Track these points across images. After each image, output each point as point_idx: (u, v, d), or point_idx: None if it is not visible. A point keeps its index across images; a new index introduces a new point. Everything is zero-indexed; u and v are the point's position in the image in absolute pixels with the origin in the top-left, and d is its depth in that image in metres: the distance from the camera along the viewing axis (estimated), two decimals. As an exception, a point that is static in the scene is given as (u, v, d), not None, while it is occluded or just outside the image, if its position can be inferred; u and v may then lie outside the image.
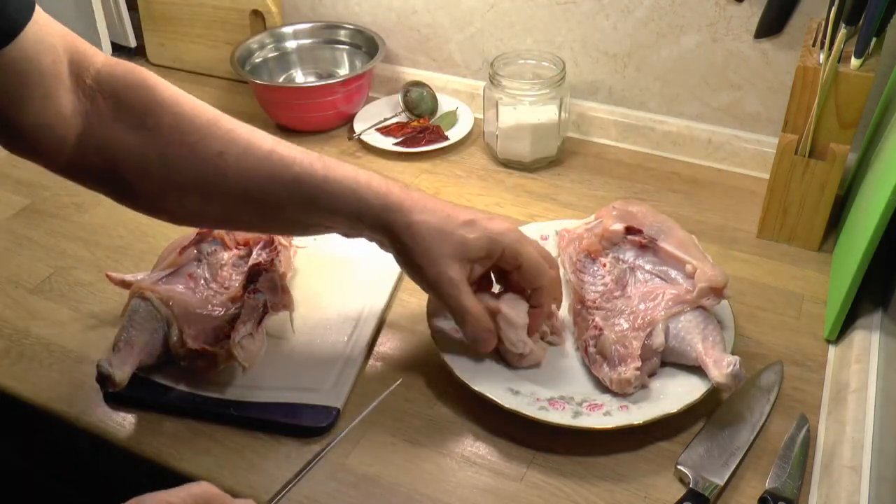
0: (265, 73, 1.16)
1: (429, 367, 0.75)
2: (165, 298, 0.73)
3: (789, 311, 0.80)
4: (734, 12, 0.94)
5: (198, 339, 0.71)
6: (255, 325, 0.72)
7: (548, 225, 0.87)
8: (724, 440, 0.66)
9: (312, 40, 1.19)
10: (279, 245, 0.78)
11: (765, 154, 0.98)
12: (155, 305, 0.73)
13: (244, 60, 1.13)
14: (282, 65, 1.19)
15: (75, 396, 0.73)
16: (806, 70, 0.79)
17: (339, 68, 1.20)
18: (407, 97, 1.11)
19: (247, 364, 0.70)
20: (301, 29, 1.19)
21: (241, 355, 0.70)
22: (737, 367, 0.65)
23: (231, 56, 1.11)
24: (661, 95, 1.04)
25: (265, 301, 0.74)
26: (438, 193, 0.98)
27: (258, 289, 0.75)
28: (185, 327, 0.71)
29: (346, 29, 1.18)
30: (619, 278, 0.76)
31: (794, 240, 0.88)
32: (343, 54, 1.19)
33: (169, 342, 0.71)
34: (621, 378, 0.68)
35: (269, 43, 1.17)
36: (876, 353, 0.71)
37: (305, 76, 1.20)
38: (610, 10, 1.01)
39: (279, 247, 0.78)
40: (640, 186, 0.99)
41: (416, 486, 0.65)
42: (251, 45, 1.15)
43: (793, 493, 0.62)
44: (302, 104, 1.09)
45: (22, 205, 0.99)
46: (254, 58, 1.15)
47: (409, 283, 0.85)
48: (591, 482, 0.65)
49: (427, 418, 0.71)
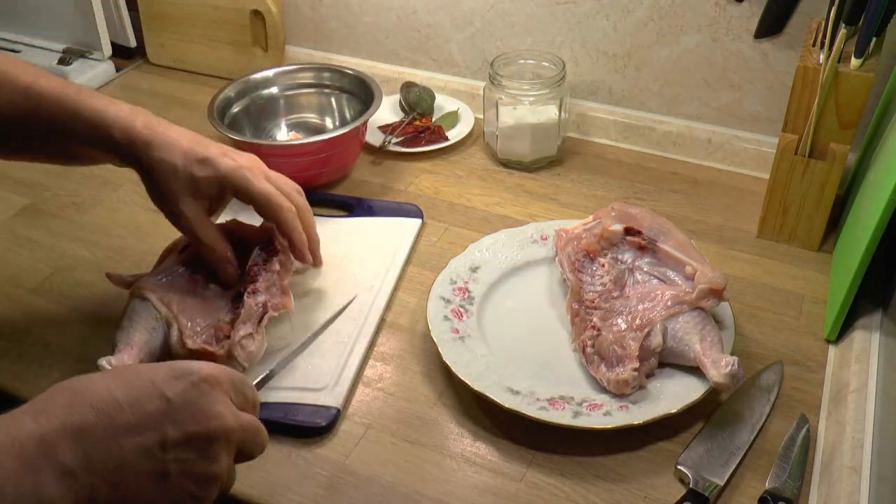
0: (245, 124, 1.04)
1: (429, 367, 0.75)
2: (165, 299, 0.73)
3: (789, 311, 0.80)
4: (734, 12, 0.94)
5: (197, 339, 0.71)
6: (255, 325, 0.72)
7: (548, 225, 0.87)
8: (724, 440, 0.66)
9: (297, 85, 1.08)
10: (279, 246, 0.78)
11: (765, 154, 0.98)
12: (155, 306, 0.72)
13: (223, 111, 1.01)
14: (265, 114, 1.06)
15: (75, 396, 0.73)
16: (806, 70, 0.79)
17: (326, 117, 1.08)
18: (407, 97, 1.11)
19: (247, 364, 0.70)
20: (283, 72, 1.08)
21: (241, 355, 0.70)
22: (735, 368, 0.65)
23: (209, 107, 0.99)
24: (661, 95, 1.04)
25: (265, 301, 0.74)
26: (438, 193, 0.98)
27: (258, 289, 0.75)
28: (184, 327, 0.71)
29: (331, 72, 1.08)
30: (617, 279, 0.76)
31: (794, 240, 0.88)
32: (331, 100, 1.08)
33: (169, 342, 0.71)
34: (619, 379, 0.68)
35: (250, 91, 1.05)
36: (876, 353, 0.71)
37: (290, 129, 1.07)
38: (610, 11, 1.01)
39: (279, 247, 0.78)
40: (639, 186, 0.99)
41: (416, 486, 0.65)
42: (229, 95, 1.02)
43: (793, 493, 0.62)
44: (285, 163, 0.89)
45: (22, 205, 0.99)
46: (232, 108, 1.03)
47: (409, 283, 0.85)
48: (591, 482, 0.65)
49: (427, 418, 0.71)
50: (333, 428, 0.69)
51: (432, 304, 0.77)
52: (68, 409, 0.45)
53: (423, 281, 0.84)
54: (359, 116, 0.98)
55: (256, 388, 0.55)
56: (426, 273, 0.86)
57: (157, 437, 0.46)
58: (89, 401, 0.45)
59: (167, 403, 0.47)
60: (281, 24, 1.19)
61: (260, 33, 1.21)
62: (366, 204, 0.95)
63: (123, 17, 1.28)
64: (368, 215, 0.93)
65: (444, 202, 0.97)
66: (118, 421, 0.45)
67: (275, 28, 1.19)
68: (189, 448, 0.47)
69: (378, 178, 1.02)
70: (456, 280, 0.81)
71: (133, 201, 0.98)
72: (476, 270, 0.82)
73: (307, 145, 0.95)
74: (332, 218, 0.93)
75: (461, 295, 0.79)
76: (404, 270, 0.86)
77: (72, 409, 0.45)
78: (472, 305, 0.79)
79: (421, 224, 0.93)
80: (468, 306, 0.78)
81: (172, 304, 0.73)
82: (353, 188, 1.00)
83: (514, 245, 0.85)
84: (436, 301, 0.78)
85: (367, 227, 0.91)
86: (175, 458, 0.46)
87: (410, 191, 0.99)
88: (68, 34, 1.27)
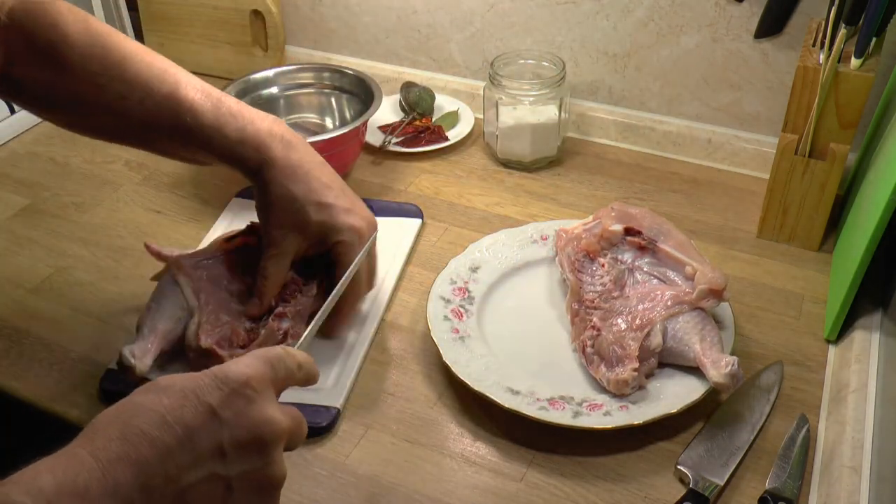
0: None
1: (429, 367, 0.75)
2: (196, 287, 0.73)
3: (789, 311, 0.80)
4: (734, 12, 0.94)
5: (211, 338, 0.71)
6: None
7: (548, 225, 0.87)
8: (724, 440, 0.66)
9: (297, 85, 1.08)
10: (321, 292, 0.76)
11: (765, 154, 0.98)
12: (184, 293, 0.72)
13: None
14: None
15: (75, 396, 0.73)
16: (806, 70, 0.79)
17: (326, 117, 1.09)
18: (407, 97, 1.11)
19: None
20: (283, 72, 1.07)
21: None
22: (735, 368, 0.65)
23: None
24: (661, 95, 1.04)
25: (287, 330, 0.73)
26: (438, 193, 0.98)
27: (285, 314, 0.73)
28: (204, 323, 0.71)
29: (331, 72, 1.07)
30: (617, 279, 0.76)
31: (794, 240, 0.88)
32: (331, 100, 1.08)
33: (187, 330, 0.71)
34: (618, 379, 0.68)
35: (250, 91, 1.05)
36: (876, 353, 0.71)
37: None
38: (610, 11, 1.01)
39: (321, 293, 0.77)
40: (639, 186, 0.99)
41: (416, 486, 0.65)
42: (229, 94, 0.99)
43: (793, 493, 0.62)
44: None
45: (22, 205, 0.99)
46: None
47: (409, 283, 0.85)
48: (591, 482, 0.65)
49: (427, 418, 0.71)
50: (333, 428, 0.69)
51: (432, 304, 0.77)
52: (122, 441, 0.43)
53: (423, 281, 0.84)
54: (359, 116, 0.98)
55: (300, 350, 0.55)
56: (426, 273, 0.86)
57: (213, 454, 0.45)
58: (141, 429, 0.44)
59: (217, 418, 0.46)
60: (281, 24, 1.19)
61: (260, 33, 1.21)
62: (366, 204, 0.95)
63: (123, 17, 1.28)
64: (368, 215, 0.93)
65: (444, 202, 0.97)
66: (171, 445, 0.44)
67: (275, 28, 1.19)
68: (247, 458, 0.46)
69: (378, 178, 1.02)
70: (456, 280, 0.81)
71: (133, 201, 0.98)
72: (476, 270, 0.82)
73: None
74: (332, 218, 0.93)
75: (461, 295, 0.79)
76: (404, 270, 0.86)
77: (125, 442, 0.43)
78: (472, 305, 0.79)
79: (421, 224, 0.93)
80: (468, 306, 0.78)
81: (201, 295, 0.72)
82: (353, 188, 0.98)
83: (514, 245, 0.85)
84: (436, 301, 0.78)
85: (367, 227, 0.91)
86: (236, 473, 0.46)
87: (410, 191, 0.99)
88: (68, 34, 1.27)
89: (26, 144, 1.10)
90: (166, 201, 0.99)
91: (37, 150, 1.09)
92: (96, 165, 1.06)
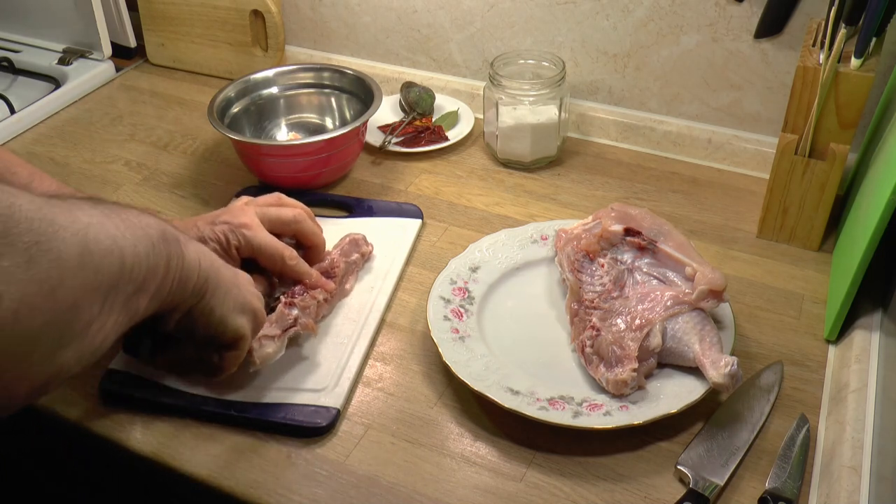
0: (245, 124, 1.04)
1: (429, 367, 0.75)
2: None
3: (789, 311, 0.80)
4: (734, 12, 0.94)
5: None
6: (281, 331, 0.72)
7: (547, 225, 0.87)
8: (724, 440, 0.66)
9: (297, 85, 1.08)
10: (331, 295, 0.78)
11: (765, 154, 0.98)
12: None
13: (223, 111, 1.00)
14: (265, 114, 1.06)
15: (75, 396, 0.73)
16: (806, 70, 0.79)
17: (326, 117, 1.08)
18: (407, 97, 1.11)
19: (259, 363, 0.69)
20: (283, 72, 1.07)
21: (258, 352, 0.69)
22: (734, 368, 0.65)
23: (209, 107, 0.98)
24: (661, 95, 1.04)
25: (297, 317, 0.73)
26: (438, 194, 0.98)
27: (295, 303, 0.74)
28: None
29: (331, 72, 1.07)
30: (617, 279, 0.76)
31: (794, 240, 0.88)
32: (331, 100, 1.08)
33: None
34: (617, 379, 0.68)
35: (250, 91, 1.05)
36: (876, 353, 0.71)
37: (290, 129, 1.07)
38: (610, 10, 1.01)
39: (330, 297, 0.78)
40: (639, 186, 0.99)
41: (416, 486, 0.65)
42: (229, 95, 1.02)
43: (793, 493, 0.62)
44: (285, 163, 0.96)
45: (22, 205, 0.98)
46: (232, 108, 1.02)
47: (409, 283, 0.85)
48: (591, 482, 0.65)
49: (427, 418, 0.71)
50: (333, 428, 0.70)
51: (432, 304, 0.77)
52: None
53: (423, 281, 0.84)
54: (359, 116, 0.98)
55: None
56: (426, 273, 0.86)
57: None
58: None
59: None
60: (281, 24, 1.19)
61: (260, 33, 1.21)
62: (366, 204, 0.95)
63: (123, 17, 1.28)
64: (368, 215, 0.94)
65: (444, 202, 0.97)
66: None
67: (275, 28, 1.19)
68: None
69: (378, 178, 1.02)
70: (456, 280, 0.81)
71: (133, 201, 0.98)
72: (476, 270, 0.82)
73: (307, 145, 0.95)
74: (332, 218, 0.93)
75: (461, 295, 0.79)
76: (404, 270, 0.86)
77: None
78: (472, 305, 0.79)
79: (421, 224, 0.93)
80: (468, 306, 0.78)
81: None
82: (353, 188, 1.00)
83: (514, 245, 0.85)
84: (436, 301, 0.78)
85: (366, 227, 0.91)
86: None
87: (410, 191, 0.99)
88: (68, 34, 1.27)
89: (26, 144, 1.10)
90: (166, 201, 0.99)
91: (37, 150, 1.09)
92: (96, 165, 1.06)
